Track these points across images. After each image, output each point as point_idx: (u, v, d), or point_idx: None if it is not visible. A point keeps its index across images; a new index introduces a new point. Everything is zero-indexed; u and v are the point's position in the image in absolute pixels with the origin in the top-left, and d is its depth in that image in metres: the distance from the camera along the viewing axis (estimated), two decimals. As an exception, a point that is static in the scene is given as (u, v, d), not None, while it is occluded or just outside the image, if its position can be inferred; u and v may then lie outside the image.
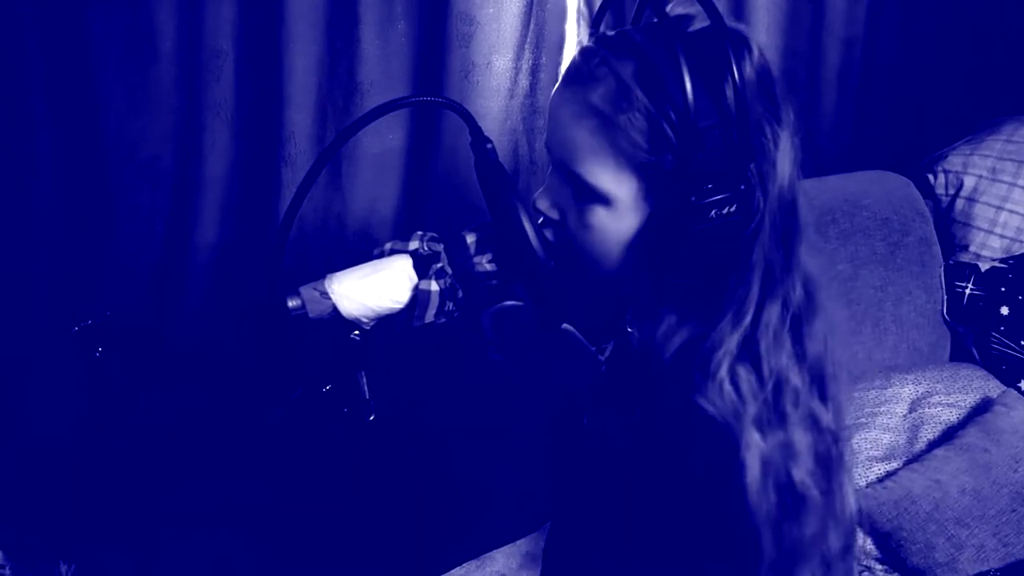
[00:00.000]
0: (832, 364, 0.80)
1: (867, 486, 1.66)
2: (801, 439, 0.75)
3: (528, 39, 1.77)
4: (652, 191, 0.76)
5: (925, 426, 1.77)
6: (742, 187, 0.72)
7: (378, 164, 1.76)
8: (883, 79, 2.15)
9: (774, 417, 0.74)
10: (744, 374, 0.75)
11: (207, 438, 1.59)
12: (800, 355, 0.77)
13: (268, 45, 1.63)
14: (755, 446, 0.72)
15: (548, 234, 0.84)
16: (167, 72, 1.62)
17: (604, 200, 0.78)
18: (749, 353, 0.75)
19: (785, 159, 0.75)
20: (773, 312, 0.76)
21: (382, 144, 1.75)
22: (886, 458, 1.72)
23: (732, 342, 0.75)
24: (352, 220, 1.78)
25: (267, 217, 1.73)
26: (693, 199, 0.72)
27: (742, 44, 0.74)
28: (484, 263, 0.88)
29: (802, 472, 0.74)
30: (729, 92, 0.71)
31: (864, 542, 1.62)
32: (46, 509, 1.65)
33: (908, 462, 1.70)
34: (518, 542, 1.86)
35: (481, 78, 1.77)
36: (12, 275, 1.60)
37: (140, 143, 1.64)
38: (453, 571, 1.92)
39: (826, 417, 0.78)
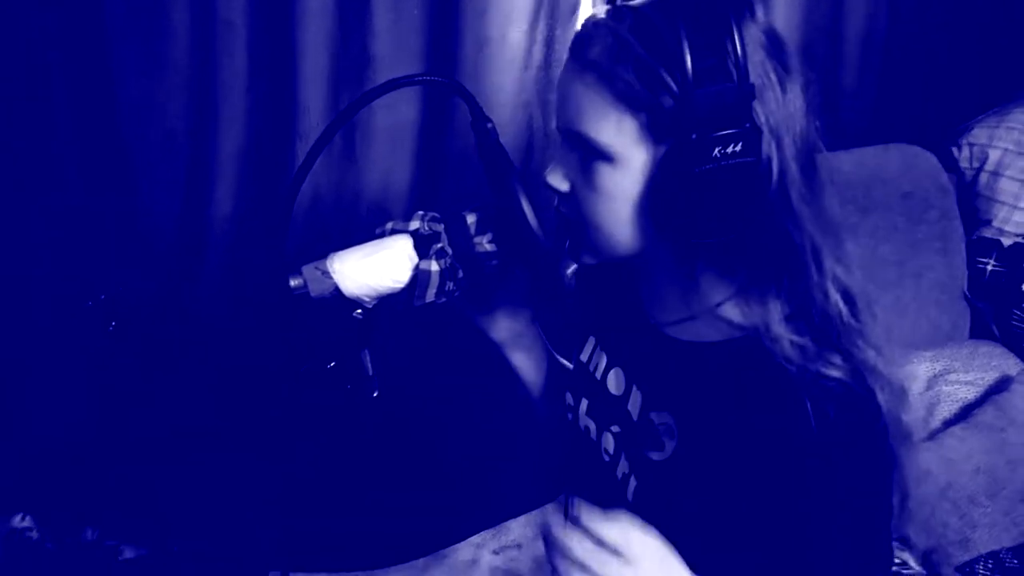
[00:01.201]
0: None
1: (880, 463, 1.65)
2: (885, 350, 0.79)
3: (542, 11, 1.75)
4: (653, 137, 0.75)
5: (941, 404, 1.76)
6: (747, 125, 0.72)
7: (392, 138, 1.76)
8: (907, 49, 2.10)
9: (878, 342, 0.78)
10: (851, 313, 0.78)
11: (222, 412, 1.62)
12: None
13: (280, 18, 1.63)
14: (882, 374, 0.76)
15: (563, 209, 0.84)
16: (181, 46, 1.62)
17: (608, 157, 0.77)
18: (843, 294, 0.78)
19: (794, 106, 0.75)
20: (832, 249, 0.78)
21: (396, 117, 1.75)
22: (900, 435, 1.71)
23: (832, 290, 0.77)
24: (367, 194, 1.79)
25: (282, 191, 1.74)
26: (694, 136, 0.71)
27: (744, 3, 0.74)
28: (484, 243, 0.88)
29: (898, 376, 0.79)
30: (728, 40, 0.71)
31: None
32: (73, 479, 1.69)
33: (922, 440, 1.69)
34: (533, 512, 1.87)
35: (495, 51, 1.75)
36: (31, 249, 1.63)
37: (156, 117, 1.66)
38: (470, 539, 1.94)
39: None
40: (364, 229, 1.09)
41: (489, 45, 1.73)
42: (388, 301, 0.93)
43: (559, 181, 0.83)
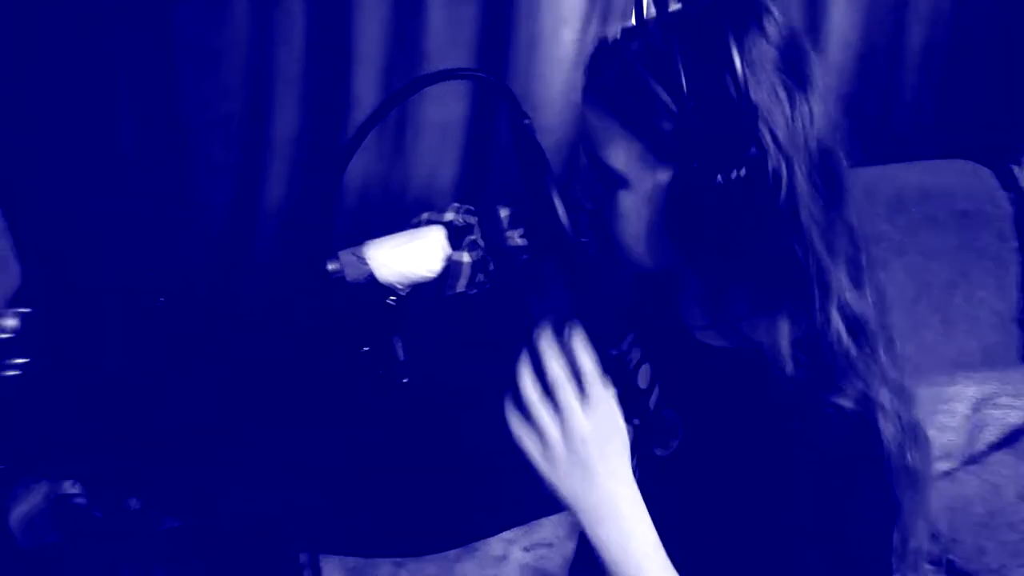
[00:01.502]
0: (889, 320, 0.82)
1: (919, 484, 1.62)
2: (899, 409, 0.76)
3: (595, 12, 1.76)
4: (660, 162, 0.76)
5: (987, 428, 1.72)
6: (752, 149, 0.71)
7: (441, 132, 1.78)
8: (970, 62, 2.04)
9: (889, 376, 0.76)
10: (854, 342, 0.76)
11: (261, 393, 1.66)
12: (878, 311, 0.79)
13: (336, 11, 1.66)
14: (889, 411, 0.74)
15: (592, 225, 0.86)
16: (241, 33, 1.66)
17: (623, 182, 0.78)
18: (849, 321, 0.76)
19: (807, 120, 0.73)
20: (843, 272, 0.76)
21: (445, 112, 1.77)
22: (942, 458, 1.68)
23: (836, 315, 0.75)
24: (414, 187, 1.82)
25: (338, 178, 1.77)
26: (696, 165, 0.71)
27: (750, 11, 0.74)
28: (516, 238, 0.90)
29: (912, 416, 0.77)
30: (728, 59, 0.70)
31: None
32: (120, 450, 1.75)
33: (964, 463, 1.66)
34: (566, 511, 1.88)
35: (546, 50, 1.76)
36: (90, 224, 1.68)
37: (214, 101, 1.70)
38: (501, 534, 1.96)
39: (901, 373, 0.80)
40: (409, 221, 1.12)
41: (541, 44, 1.74)
42: (420, 290, 0.95)
43: (587, 200, 0.85)
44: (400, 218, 1.79)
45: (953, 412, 1.76)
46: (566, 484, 0.74)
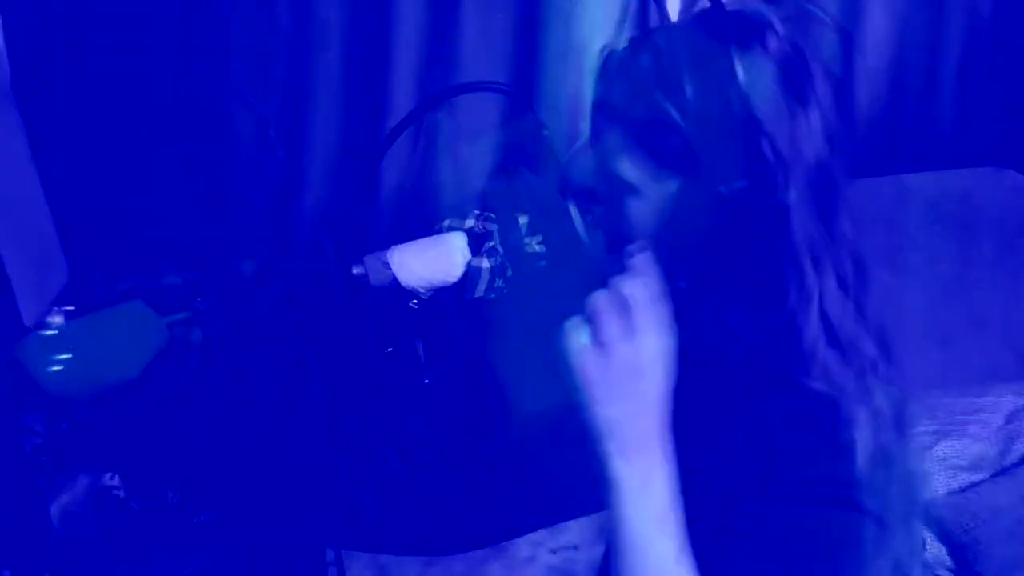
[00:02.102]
0: (889, 329, 0.82)
1: (948, 494, 1.61)
2: (884, 407, 0.77)
3: (627, 21, 1.77)
4: (668, 175, 0.78)
5: (1020, 439, 1.69)
6: (754, 164, 0.73)
7: (472, 140, 1.80)
8: (1008, 68, 2.01)
9: (863, 389, 0.76)
10: (833, 351, 0.77)
11: (292, 392, 1.70)
12: (866, 325, 0.80)
13: (373, 20, 1.70)
14: (863, 421, 0.74)
15: (596, 225, 0.88)
16: (281, 39, 1.71)
17: (632, 190, 0.80)
18: (827, 329, 0.77)
19: (808, 134, 0.75)
20: (830, 285, 0.78)
21: (478, 119, 1.79)
22: (972, 468, 1.66)
23: (812, 321, 0.77)
24: (446, 192, 1.84)
25: (371, 185, 1.81)
26: (703, 179, 0.74)
27: (754, 28, 0.76)
28: (534, 244, 0.92)
29: (887, 438, 0.76)
30: (732, 77, 0.73)
31: (939, 551, 1.57)
32: (160, 446, 1.80)
33: (995, 475, 1.63)
34: (594, 515, 1.89)
35: (579, 59, 1.78)
36: (127, 220, 1.74)
37: (253, 106, 1.75)
38: (528, 536, 1.97)
39: (896, 380, 0.80)
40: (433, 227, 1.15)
41: (573, 53, 1.76)
42: (441, 294, 0.98)
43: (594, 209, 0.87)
44: (433, 224, 1.84)
45: (986, 422, 1.74)
46: (605, 407, 0.72)
